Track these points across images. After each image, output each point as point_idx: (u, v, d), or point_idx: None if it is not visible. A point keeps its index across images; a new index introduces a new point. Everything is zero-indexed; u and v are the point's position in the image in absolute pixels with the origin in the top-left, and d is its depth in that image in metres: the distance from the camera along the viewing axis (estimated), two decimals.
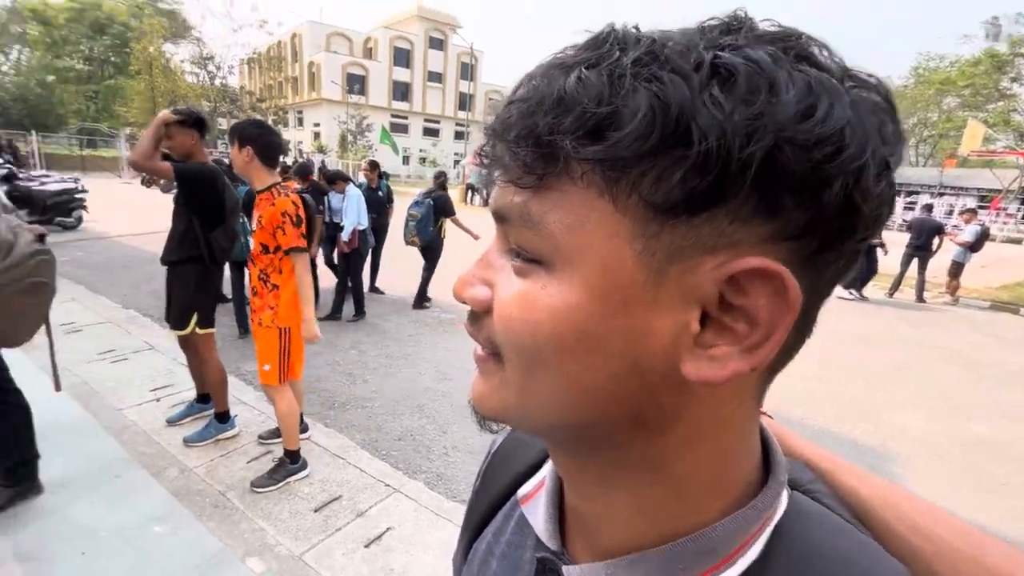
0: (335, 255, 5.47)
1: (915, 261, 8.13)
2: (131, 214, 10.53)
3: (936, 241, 8.02)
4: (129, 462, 2.49)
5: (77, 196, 9.12)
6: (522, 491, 0.39)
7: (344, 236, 4.99)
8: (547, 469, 0.37)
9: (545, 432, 0.31)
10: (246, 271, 3.10)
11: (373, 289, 6.16)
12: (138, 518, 2.12)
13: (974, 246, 8.24)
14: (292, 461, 2.45)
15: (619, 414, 0.26)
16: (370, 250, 5.59)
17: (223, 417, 2.77)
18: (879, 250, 7.61)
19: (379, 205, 5.81)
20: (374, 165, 6.02)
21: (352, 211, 5.00)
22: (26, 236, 1.91)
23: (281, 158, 2.58)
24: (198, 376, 2.87)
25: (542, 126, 0.23)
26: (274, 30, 39.49)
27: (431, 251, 5.66)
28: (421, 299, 5.79)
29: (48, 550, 1.93)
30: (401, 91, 44.03)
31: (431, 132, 46.16)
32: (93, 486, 2.30)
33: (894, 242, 7.81)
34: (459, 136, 45.11)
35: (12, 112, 27.39)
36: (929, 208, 9.91)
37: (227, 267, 3.77)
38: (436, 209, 5.55)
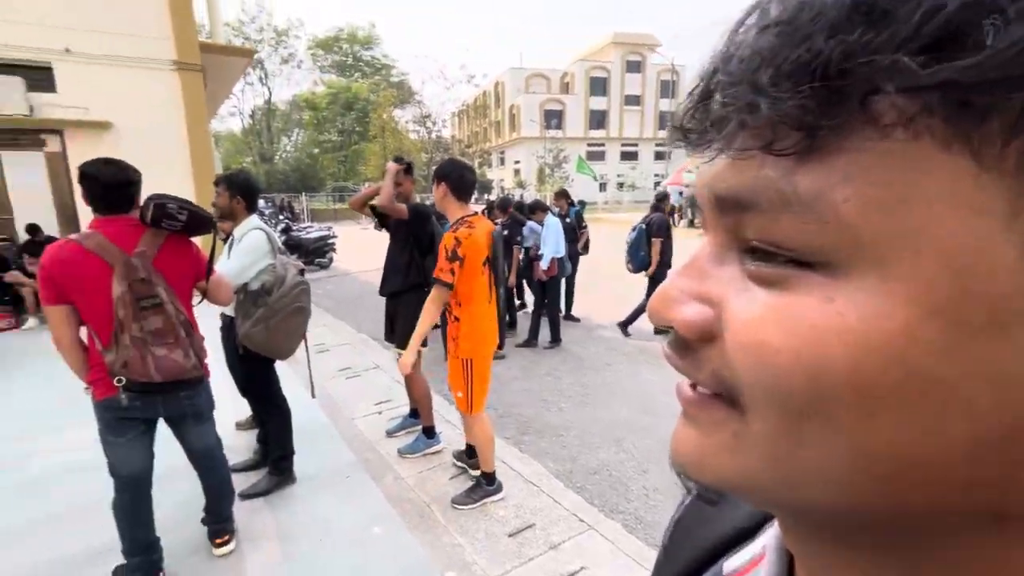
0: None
1: None
2: (366, 254, 13.23)
3: None
4: (357, 466, 2.99)
5: (330, 241, 12.09)
6: (729, 566, 0.32)
7: (543, 264, 5.32)
8: (768, 540, 0.29)
9: (811, 515, 0.22)
10: None
11: (568, 317, 6.35)
12: (362, 517, 2.51)
13: None
14: (488, 483, 2.61)
15: (965, 501, 0.17)
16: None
17: (430, 432, 3.13)
18: None
19: (569, 232, 6.07)
20: (560, 194, 6.51)
21: (551, 239, 5.32)
22: (292, 271, 2.57)
23: (486, 195, 2.90)
24: (411, 393, 3.32)
25: (830, 51, 0.16)
26: (480, 82, 46.37)
27: (652, 277, 5.57)
28: (626, 323, 5.72)
29: (298, 532, 2.42)
30: (597, 119, 46.20)
31: (629, 156, 47.17)
32: (330, 483, 2.82)
33: None
34: (659, 157, 44.96)
35: (290, 179, 38.30)
36: None
37: None
38: (650, 233, 5.51)
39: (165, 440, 2.08)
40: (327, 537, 2.36)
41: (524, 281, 6.44)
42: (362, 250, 13.49)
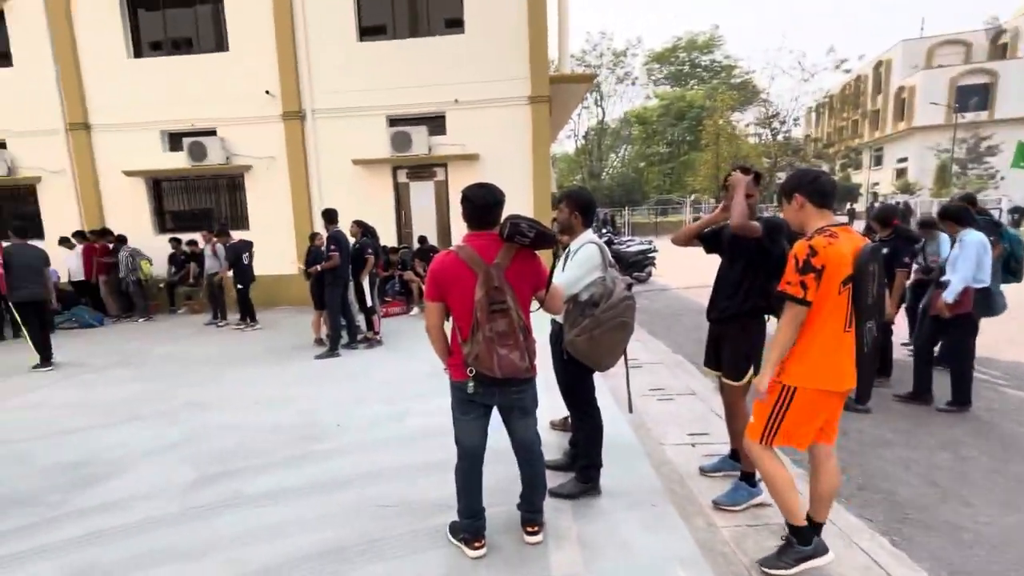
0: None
1: None
2: (687, 270, 13.10)
3: None
4: (663, 496, 2.91)
5: (650, 255, 12.55)
6: None
7: (947, 295, 4.10)
8: None
9: None
10: None
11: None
12: (666, 553, 2.41)
13: None
14: (800, 541, 2.22)
15: None
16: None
17: (750, 479, 2.79)
18: None
19: None
20: (966, 199, 5.09)
21: (966, 262, 4.08)
22: (620, 285, 2.69)
23: (848, 204, 2.50)
24: (733, 430, 3.04)
25: None
26: (854, 66, 40.18)
27: None
28: None
29: (598, 545, 2.50)
30: None
31: None
32: (635, 505, 2.82)
33: None
34: None
35: (615, 194, 41.15)
36: None
37: None
38: None
39: (493, 426, 2.45)
40: (627, 560, 2.36)
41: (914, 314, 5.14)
42: (683, 265, 13.40)
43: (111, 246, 9.77)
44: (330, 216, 6.62)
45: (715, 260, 3.00)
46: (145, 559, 2.55)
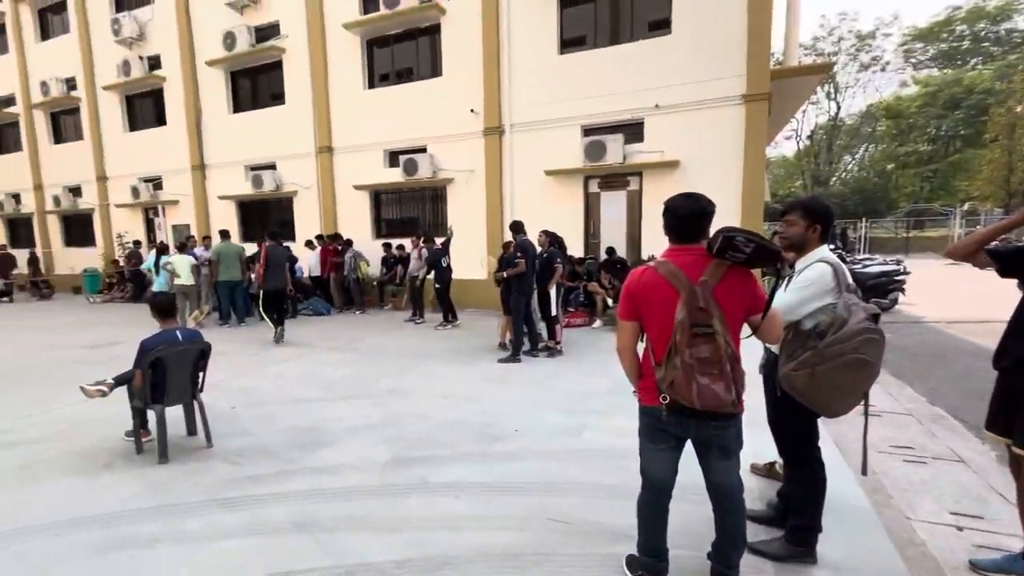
0: None
1: None
2: (952, 299, 10.75)
3: None
4: None
5: (896, 278, 10.49)
6: None
7: None
8: None
9: None
10: None
11: None
12: None
13: None
14: None
15: None
16: None
17: None
18: None
19: None
20: None
21: None
22: (859, 314, 2.25)
23: None
24: None
25: None
26: None
27: None
28: None
29: None
30: None
31: None
32: None
33: None
34: None
35: (848, 203, 35.38)
36: None
37: None
38: None
39: (685, 457, 2.24)
40: None
41: None
42: (945, 292, 11.06)
43: (340, 248, 11.66)
44: (516, 227, 7.13)
45: (1005, 287, 2.38)
46: (351, 521, 2.95)
